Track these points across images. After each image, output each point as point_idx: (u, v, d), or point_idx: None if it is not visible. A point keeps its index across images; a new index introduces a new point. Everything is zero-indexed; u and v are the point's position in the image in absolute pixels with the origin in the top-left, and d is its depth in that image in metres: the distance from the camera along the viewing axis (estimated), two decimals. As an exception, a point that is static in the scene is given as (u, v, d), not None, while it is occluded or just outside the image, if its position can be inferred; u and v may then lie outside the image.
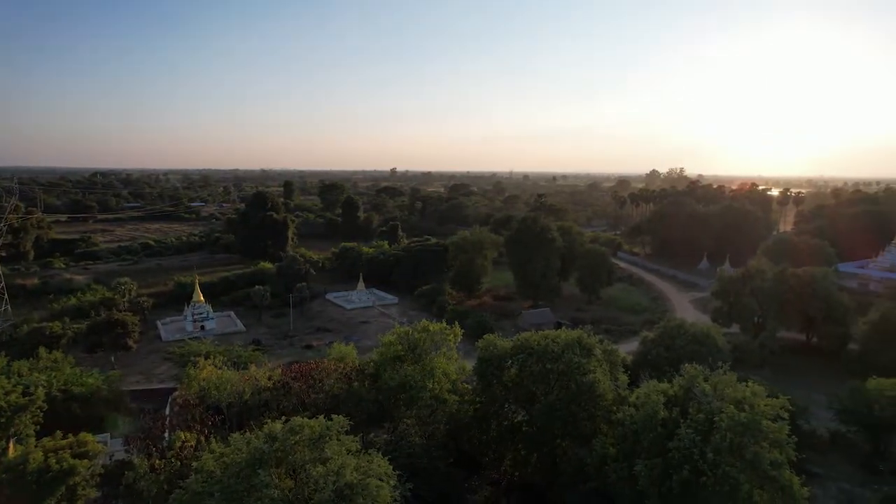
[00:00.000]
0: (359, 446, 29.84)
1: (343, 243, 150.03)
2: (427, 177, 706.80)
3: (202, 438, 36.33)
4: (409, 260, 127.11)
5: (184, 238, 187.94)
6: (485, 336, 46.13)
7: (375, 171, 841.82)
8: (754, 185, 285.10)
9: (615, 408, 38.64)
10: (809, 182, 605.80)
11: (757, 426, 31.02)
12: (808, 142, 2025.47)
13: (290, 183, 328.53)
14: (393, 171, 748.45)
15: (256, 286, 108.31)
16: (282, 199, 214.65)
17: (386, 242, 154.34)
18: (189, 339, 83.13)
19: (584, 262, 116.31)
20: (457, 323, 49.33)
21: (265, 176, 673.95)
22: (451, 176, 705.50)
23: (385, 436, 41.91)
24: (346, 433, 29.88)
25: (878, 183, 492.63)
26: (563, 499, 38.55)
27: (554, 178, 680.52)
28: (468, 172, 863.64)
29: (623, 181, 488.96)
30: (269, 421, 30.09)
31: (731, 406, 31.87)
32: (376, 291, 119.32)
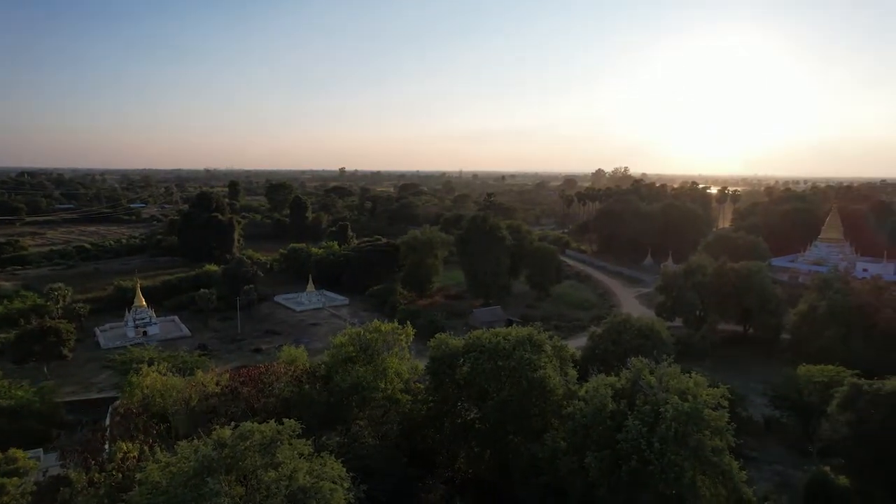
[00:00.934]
0: (311, 450, 29.35)
1: (291, 244, 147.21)
2: (376, 176, 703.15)
3: (146, 448, 34.89)
4: (360, 260, 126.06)
5: (123, 241, 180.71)
6: (437, 335, 46.16)
7: (324, 171, 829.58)
8: (694, 183, 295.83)
9: (565, 402, 39.37)
10: (745, 181, 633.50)
11: (699, 415, 32.30)
12: (742, 142, 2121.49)
13: (236, 183, 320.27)
14: (342, 170, 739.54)
15: (202, 289, 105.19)
16: (227, 200, 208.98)
17: (335, 243, 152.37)
18: (131, 345, 79.75)
19: (533, 260, 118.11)
20: (408, 323, 49.20)
21: (210, 176, 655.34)
22: (400, 175, 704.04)
23: (338, 438, 41.39)
24: (298, 437, 29.36)
25: (805, 181, 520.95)
26: (516, 494, 39.05)
27: (503, 177, 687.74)
28: (418, 172, 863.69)
29: (570, 180, 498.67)
30: (218, 427, 29.23)
31: (676, 397, 33.05)
32: (326, 293, 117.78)
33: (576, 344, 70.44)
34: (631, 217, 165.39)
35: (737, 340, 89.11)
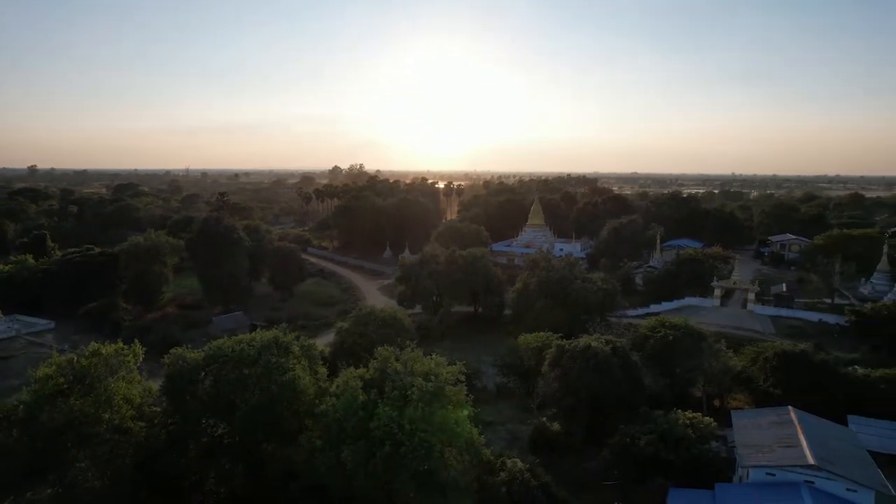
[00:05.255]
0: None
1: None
2: (82, 176, 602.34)
3: None
4: (67, 275, 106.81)
5: None
6: (172, 350, 41.95)
7: (6, 170, 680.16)
8: (424, 179, 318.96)
9: (318, 401, 39.28)
10: (467, 175, 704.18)
11: (442, 392, 35.23)
12: (464, 141, 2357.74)
13: None
14: (32, 168, 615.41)
15: None
16: None
17: (30, 257, 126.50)
18: None
19: (274, 260, 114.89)
20: (136, 341, 43.55)
21: None
22: (114, 175, 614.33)
23: (50, 490, 34.76)
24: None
25: (514, 175, 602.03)
26: (276, 501, 37.70)
27: (236, 175, 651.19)
28: (136, 171, 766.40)
29: (307, 177, 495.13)
30: None
31: (420, 379, 35.45)
32: (21, 318, 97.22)
33: (324, 341, 70.55)
34: (368, 212, 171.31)
35: (469, 320, 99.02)
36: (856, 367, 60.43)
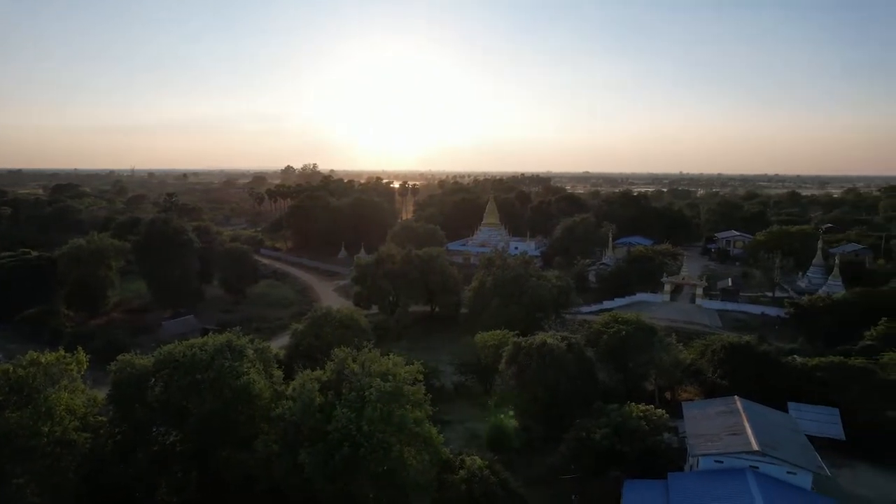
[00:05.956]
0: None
1: None
2: (16, 175, 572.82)
3: None
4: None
5: None
6: (119, 357, 40.48)
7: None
8: (379, 178, 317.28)
9: (274, 404, 38.59)
10: (422, 175, 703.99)
11: (400, 392, 35.17)
12: (418, 141, 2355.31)
13: None
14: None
15: None
16: None
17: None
18: None
19: (226, 262, 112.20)
20: (80, 348, 41.74)
21: None
22: (51, 174, 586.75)
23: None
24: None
25: (469, 175, 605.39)
26: (230, 510, 36.86)
27: (185, 175, 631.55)
28: (76, 170, 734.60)
29: (259, 177, 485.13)
30: None
31: (378, 379, 35.27)
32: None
33: (279, 343, 69.34)
34: (323, 212, 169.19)
35: (426, 319, 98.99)
36: (795, 356, 63.35)
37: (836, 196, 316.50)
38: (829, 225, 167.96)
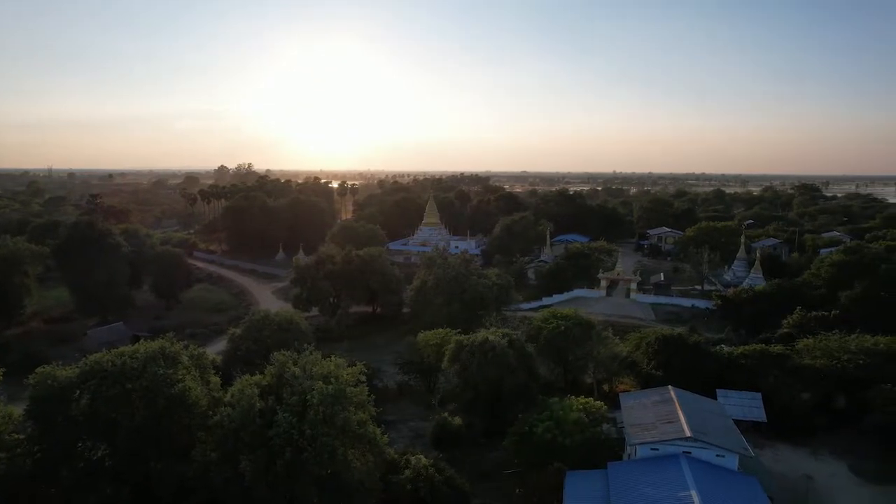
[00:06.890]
0: None
1: None
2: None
3: None
4: None
5: None
6: (38, 369, 38.01)
7: None
8: (317, 178, 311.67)
9: (211, 412, 37.32)
10: (361, 175, 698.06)
11: (343, 394, 34.68)
12: (356, 140, 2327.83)
13: None
14: None
15: None
16: None
17: None
18: None
19: (157, 266, 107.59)
20: (-6, 361, 39.07)
21: None
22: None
23: None
24: None
25: (408, 175, 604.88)
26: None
27: (110, 175, 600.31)
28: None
29: (191, 177, 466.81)
30: None
31: (320, 382, 34.69)
32: None
33: (216, 349, 67.27)
34: (259, 213, 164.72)
35: (368, 320, 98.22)
36: (722, 346, 66.82)
37: (755, 194, 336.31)
38: (751, 221, 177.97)
